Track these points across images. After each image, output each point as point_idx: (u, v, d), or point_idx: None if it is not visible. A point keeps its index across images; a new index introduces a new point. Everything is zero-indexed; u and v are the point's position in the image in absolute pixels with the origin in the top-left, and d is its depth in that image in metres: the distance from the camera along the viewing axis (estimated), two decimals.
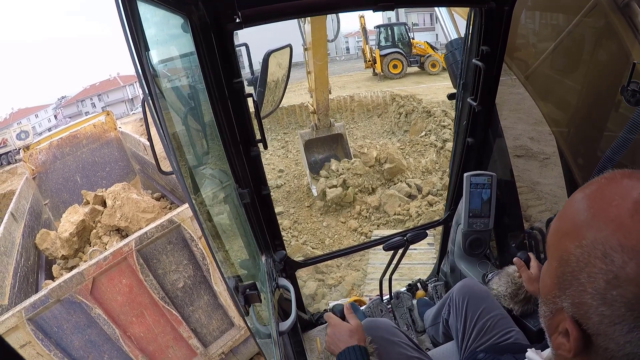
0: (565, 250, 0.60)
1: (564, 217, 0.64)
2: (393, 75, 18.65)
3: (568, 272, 0.60)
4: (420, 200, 8.99)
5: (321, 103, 9.65)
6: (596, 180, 0.62)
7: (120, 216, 5.50)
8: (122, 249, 2.98)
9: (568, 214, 0.63)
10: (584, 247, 0.57)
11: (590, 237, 0.57)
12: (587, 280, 0.56)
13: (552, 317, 0.66)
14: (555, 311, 0.65)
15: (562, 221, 0.64)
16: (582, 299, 0.58)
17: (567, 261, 0.60)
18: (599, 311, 0.55)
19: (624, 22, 1.48)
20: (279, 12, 1.38)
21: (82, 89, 51.74)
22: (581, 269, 0.57)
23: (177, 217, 3.15)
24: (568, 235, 0.61)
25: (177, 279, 3.28)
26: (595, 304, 0.56)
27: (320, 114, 9.87)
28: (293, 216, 9.70)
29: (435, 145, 10.95)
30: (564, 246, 0.61)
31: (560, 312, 0.63)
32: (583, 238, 0.58)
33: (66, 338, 2.93)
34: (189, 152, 1.17)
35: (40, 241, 5.41)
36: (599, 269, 0.55)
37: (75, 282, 2.83)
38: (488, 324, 1.57)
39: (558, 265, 0.62)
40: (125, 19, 0.73)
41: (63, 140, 8.25)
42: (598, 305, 0.55)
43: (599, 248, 0.55)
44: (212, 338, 3.58)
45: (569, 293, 0.60)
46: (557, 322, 0.64)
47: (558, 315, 0.64)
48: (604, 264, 0.54)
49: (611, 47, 1.64)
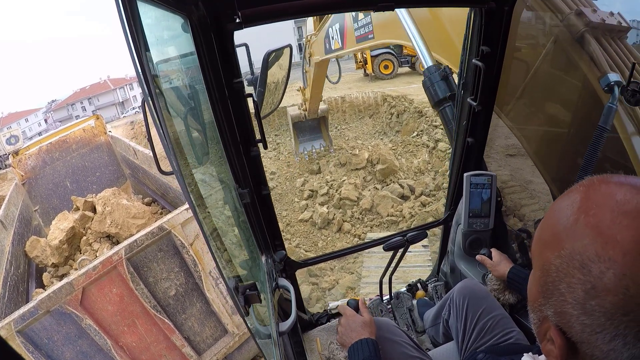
0: (547, 260, 0.61)
1: (545, 226, 0.65)
2: (384, 75, 18.73)
3: (549, 281, 0.61)
4: (413, 201, 9.01)
5: (312, 107, 10.68)
6: (575, 188, 0.63)
7: (111, 222, 5.41)
8: (111, 257, 2.93)
9: (548, 224, 0.64)
10: (562, 257, 0.58)
11: (568, 247, 0.57)
12: (567, 290, 0.57)
13: (540, 325, 0.66)
14: (542, 319, 0.65)
15: (543, 230, 0.65)
16: (563, 308, 0.58)
17: (548, 271, 0.61)
18: (580, 320, 0.56)
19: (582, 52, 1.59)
20: (279, 12, 1.37)
21: (73, 93, 51.57)
22: (561, 279, 0.58)
23: (168, 223, 3.11)
24: (548, 245, 0.62)
25: (169, 286, 3.24)
26: (576, 313, 0.56)
27: (310, 113, 11.02)
28: (285, 219, 9.67)
29: (427, 145, 10.99)
30: (545, 256, 0.62)
31: (546, 320, 0.64)
32: (562, 248, 0.58)
33: (57, 350, 2.87)
34: (189, 152, 1.16)
35: (30, 249, 5.29)
36: (578, 279, 0.55)
37: (64, 292, 2.77)
38: (488, 325, 1.57)
39: (541, 274, 0.63)
40: (125, 19, 0.73)
41: (52, 145, 8.13)
42: (579, 315, 0.56)
43: (577, 258, 0.55)
44: (205, 346, 3.55)
45: (551, 302, 0.61)
46: (544, 330, 0.65)
47: (544, 323, 0.65)
48: (582, 274, 0.55)
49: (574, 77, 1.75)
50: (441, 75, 2.21)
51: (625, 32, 1.65)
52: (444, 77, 2.21)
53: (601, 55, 1.53)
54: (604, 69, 1.50)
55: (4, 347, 0.36)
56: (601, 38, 1.58)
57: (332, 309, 2.63)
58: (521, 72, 1.98)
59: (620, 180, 0.58)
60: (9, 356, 0.36)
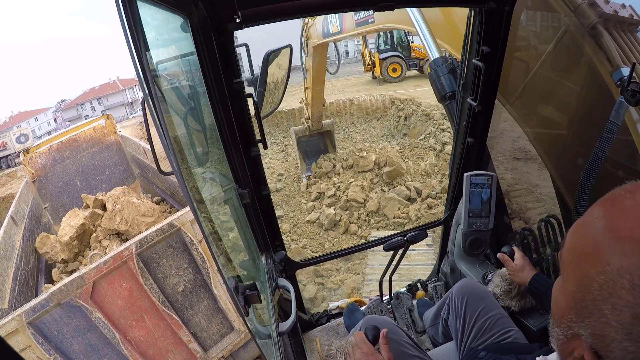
0: (586, 274, 0.55)
1: (583, 234, 0.58)
2: (392, 78, 18.72)
3: (589, 299, 0.54)
4: (419, 204, 8.97)
5: (315, 114, 10.18)
6: (618, 193, 0.56)
7: (120, 220, 5.48)
8: (122, 252, 2.98)
9: (587, 232, 0.57)
10: (607, 274, 0.52)
11: (615, 263, 0.51)
12: (611, 312, 0.51)
13: (567, 342, 0.61)
14: (570, 336, 0.60)
15: (581, 238, 0.58)
16: (603, 331, 0.53)
17: (587, 287, 0.54)
18: (623, 346, 0.51)
19: (592, 44, 1.54)
20: (279, 12, 1.39)
21: (82, 93, 51.92)
22: (605, 299, 0.52)
23: (178, 220, 3.15)
24: (588, 256, 0.55)
25: (177, 282, 3.27)
26: (619, 338, 0.51)
27: (313, 121, 10.49)
28: (293, 219, 9.70)
29: (434, 148, 10.95)
30: (584, 269, 0.55)
31: (577, 338, 0.58)
32: (607, 264, 0.52)
33: (66, 342, 2.92)
34: (189, 152, 1.17)
35: (40, 245, 5.40)
36: (626, 301, 0.49)
37: (75, 285, 2.82)
38: (487, 324, 1.57)
39: (577, 289, 0.57)
40: (125, 19, 0.73)
41: (63, 144, 8.24)
42: (622, 340, 0.51)
43: (627, 277, 0.49)
44: (212, 342, 3.56)
45: (588, 322, 0.55)
46: (572, 347, 0.60)
47: (574, 340, 0.59)
48: (632, 296, 0.49)
49: (583, 68, 1.70)
50: (448, 68, 2.12)
51: (637, 25, 1.61)
52: (452, 71, 2.13)
53: (614, 48, 1.49)
54: (617, 63, 1.45)
55: (4, 347, 0.36)
56: (613, 30, 1.53)
57: (332, 309, 2.64)
58: (529, 62, 1.94)
59: None
60: (9, 356, 0.36)
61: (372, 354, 1.22)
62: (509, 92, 2.04)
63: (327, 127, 11.05)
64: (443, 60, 2.15)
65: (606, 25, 1.51)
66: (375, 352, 1.23)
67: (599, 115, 1.53)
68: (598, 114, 1.61)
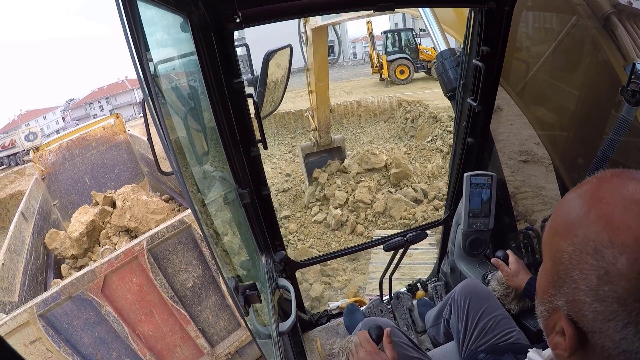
0: (558, 248, 0.61)
1: (557, 216, 0.65)
2: (400, 80, 18.61)
3: (561, 270, 0.61)
4: (426, 205, 8.97)
5: (322, 121, 9.48)
6: (588, 180, 0.63)
7: (130, 217, 5.55)
8: (133, 248, 3.02)
9: (561, 213, 0.64)
10: (575, 245, 0.58)
11: (581, 234, 0.57)
12: (579, 277, 0.57)
13: (549, 317, 0.66)
14: (551, 310, 0.65)
15: (555, 220, 0.65)
16: (575, 296, 0.58)
17: (560, 259, 0.61)
18: (593, 307, 0.56)
19: (605, 35, 1.49)
20: (279, 12, 1.40)
21: (90, 92, 52.27)
22: (574, 266, 0.58)
23: (188, 217, 3.18)
24: (560, 233, 0.62)
25: (187, 278, 3.30)
26: (588, 300, 0.56)
27: (321, 132, 9.78)
28: (300, 220, 9.74)
29: (441, 150, 10.93)
30: (557, 244, 0.62)
31: (556, 311, 0.63)
32: (575, 236, 0.58)
33: (76, 335, 2.96)
34: (189, 152, 1.17)
35: (49, 241, 5.50)
36: (591, 265, 0.55)
37: (87, 279, 2.86)
38: (489, 324, 1.57)
39: (552, 264, 0.63)
40: (125, 19, 0.73)
41: (72, 142, 8.34)
42: (591, 302, 0.56)
43: (590, 245, 0.56)
44: (219, 338, 3.59)
45: (563, 291, 0.61)
46: (553, 322, 0.65)
47: (554, 314, 0.64)
48: (595, 260, 0.55)
49: (594, 59, 1.65)
50: (456, 61, 2.06)
51: None
52: (460, 64, 2.03)
53: (628, 41, 1.45)
54: (631, 56, 1.42)
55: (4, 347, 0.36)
56: (626, 22, 1.49)
57: (332, 309, 2.65)
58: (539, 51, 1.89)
59: (632, 174, 0.60)
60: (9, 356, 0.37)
61: (376, 353, 1.24)
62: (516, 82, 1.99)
63: (338, 143, 10.37)
64: (451, 52, 2.10)
65: (619, 17, 1.47)
66: (379, 351, 1.25)
67: (609, 112, 1.51)
68: (608, 110, 1.58)
